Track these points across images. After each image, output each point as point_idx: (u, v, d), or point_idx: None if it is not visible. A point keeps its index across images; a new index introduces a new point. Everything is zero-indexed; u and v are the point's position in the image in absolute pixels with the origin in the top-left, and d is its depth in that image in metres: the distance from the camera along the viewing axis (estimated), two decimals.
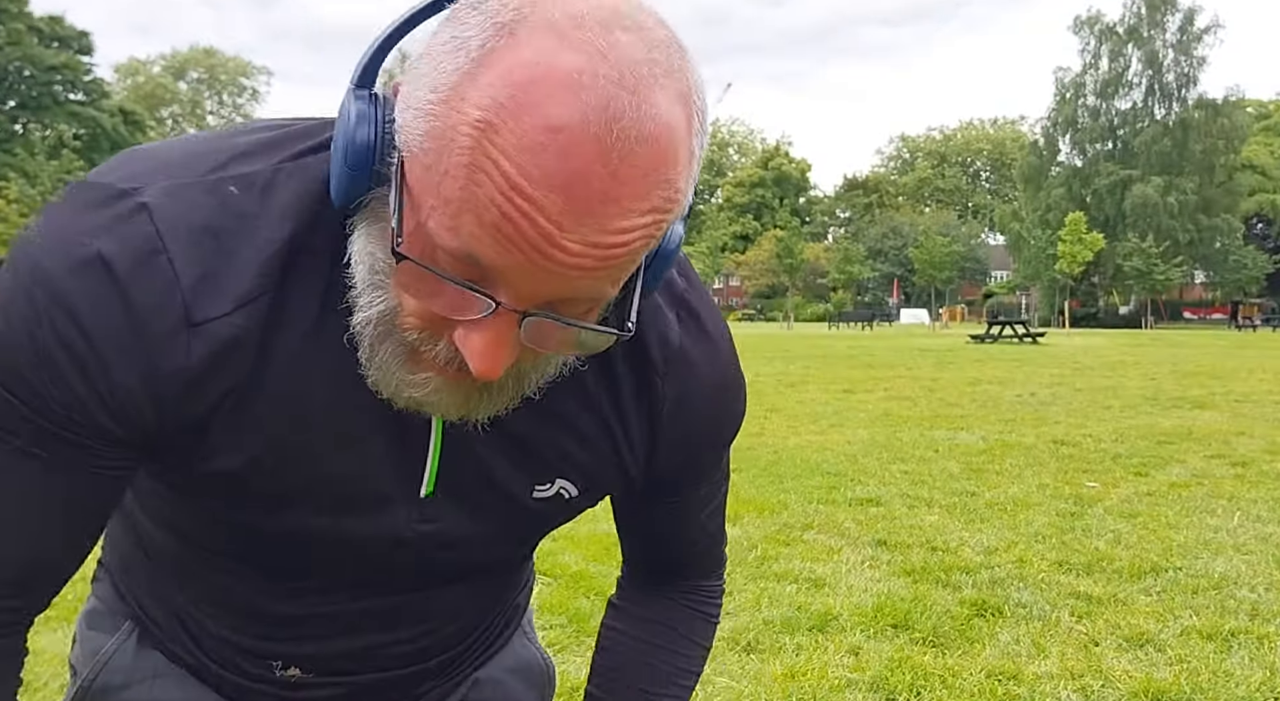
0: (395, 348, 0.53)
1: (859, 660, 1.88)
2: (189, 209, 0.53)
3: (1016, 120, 66.73)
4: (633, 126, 0.45)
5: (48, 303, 0.51)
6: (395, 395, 0.55)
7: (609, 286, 0.50)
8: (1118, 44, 46.38)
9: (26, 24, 36.75)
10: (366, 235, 0.52)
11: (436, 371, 0.53)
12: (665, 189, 0.47)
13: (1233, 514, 3.30)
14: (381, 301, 0.52)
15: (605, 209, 0.45)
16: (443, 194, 0.46)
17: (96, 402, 0.53)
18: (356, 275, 0.53)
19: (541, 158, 0.44)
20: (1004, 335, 19.26)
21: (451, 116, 0.45)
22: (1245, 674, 1.84)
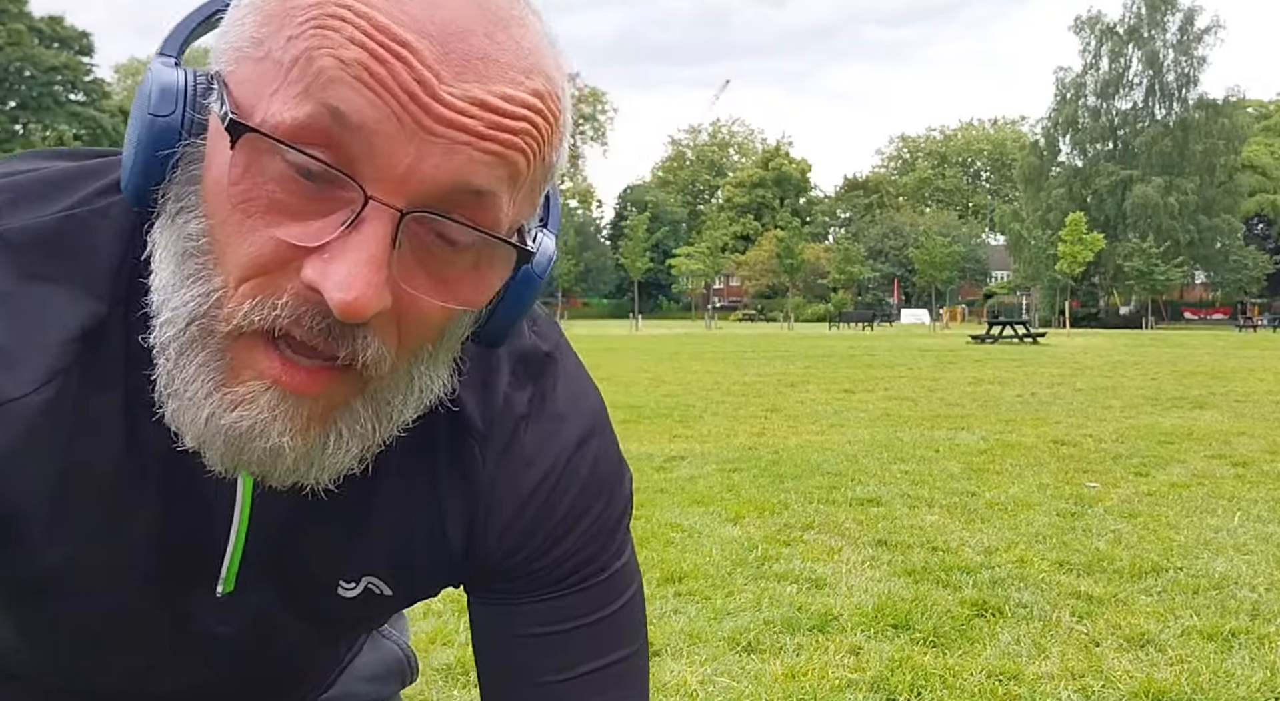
0: (208, 357, 0.41)
1: (859, 660, 1.88)
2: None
3: (1017, 120, 66.71)
4: (506, 7, 0.40)
5: None
6: (206, 433, 0.41)
7: (499, 180, 0.39)
8: (1118, 44, 46.36)
9: (27, 24, 36.75)
10: (170, 223, 0.42)
11: (268, 375, 0.41)
12: (546, 82, 0.40)
13: (1233, 514, 3.30)
14: (195, 291, 0.41)
15: (486, 67, 0.38)
16: (285, 60, 0.38)
17: None
18: (157, 283, 0.42)
19: (408, 5, 0.38)
20: (1004, 335, 19.25)
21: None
22: (1246, 674, 1.84)
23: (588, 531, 0.55)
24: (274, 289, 0.40)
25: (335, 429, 0.43)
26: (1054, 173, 47.51)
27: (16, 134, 36.29)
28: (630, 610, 0.59)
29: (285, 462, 0.43)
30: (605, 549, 0.56)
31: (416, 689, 1.71)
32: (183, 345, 0.41)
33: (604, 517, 0.56)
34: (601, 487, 0.55)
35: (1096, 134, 46.86)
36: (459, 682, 1.74)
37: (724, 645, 1.95)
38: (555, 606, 0.55)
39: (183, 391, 0.42)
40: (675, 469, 4.07)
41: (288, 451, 0.42)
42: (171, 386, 0.42)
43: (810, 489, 3.60)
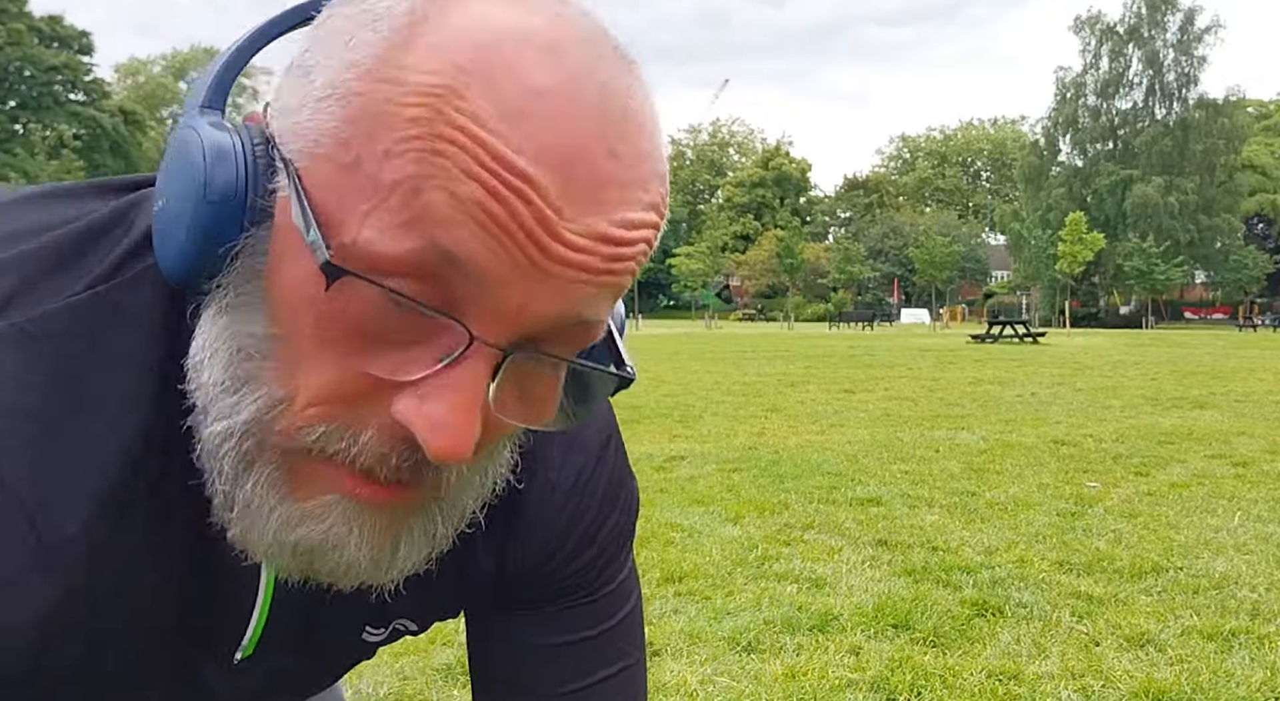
0: (270, 470, 0.37)
1: (859, 660, 1.88)
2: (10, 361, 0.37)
3: (1017, 120, 66.73)
4: (624, 99, 0.35)
5: None
6: (274, 548, 0.38)
7: (606, 307, 0.37)
8: (1118, 44, 46.38)
9: (27, 24, 36.77)
10: (224, 315, 0.37)
11: (339, 488, 0.37)
12: (660, 185, 0.38)
13: (1233, 514, 3.30)
14: (254, 399, 0.36)
15: (607, 193, 0.35)
16: (384, 181, 0.33)
17: None
18: (206, 379, 0.37)
19: (528, 126, 0.33)
20: (1004, 335, 19.26)
21: (384, 89, 0.33)
22: (1246, 674, 1.84)
23: (605, 541, 0.54)
24: (354, 420, 0.36)
25: (409, 534, 0.41)
26: (1054, 172, 47.53)
27: (16, 134, 36.29)
28: (633, 619, 0.57)
29: (357, 572, 0.40)
30: (616, 558, 0.55)
31: (416, 688, 1.71)
32: (239, 457, 0.38)
33: (620, 526, 0.55)
34: (618, 495, 0.54)
35: (1096, 133, 46.87)
36: (459, 682, 1.74)
37: (724, 645, 1.95)
38: (562, 618, 0.54)
39: (245, 507, 0.38)
40: (675, 468, 4.07)
41: (363, 563, 0.39)
42: (230, 501, 0.38)
43: (810, 489, 3.60)
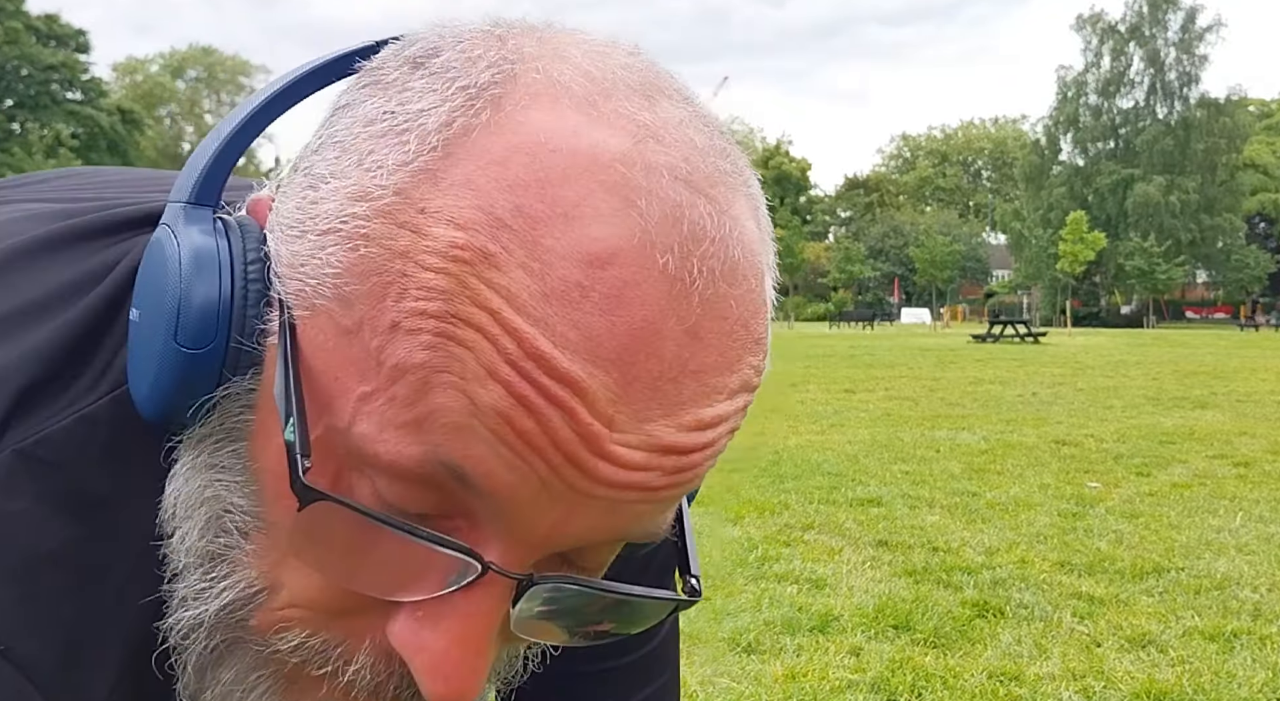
0: (251, 666, 0.31)
1: (860, 661, 1.88)
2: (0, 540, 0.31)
3: (1018, 119, 66.71)
4: (719, 252, 0.27)
5: None
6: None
7: (665, 521, 0.30)
8: (1119, 43, 46.36)
9: (24, 23, 36.77)
10: (201, 468, 0.30)
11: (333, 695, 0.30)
12: (757, 353, 0.29)
13: (1235, 514, 3.30)
14: (227, 584, 0.30)
15: (680, 391, 0.27)
16: (389, 362, 0.26)
17: None
18: (178, 541, 0.31)
19: (580, 310, 0.25)
20: (1005, 335, 19.25)
21: (400, 240, 0.26)
22: (1247, 674, 1.83)
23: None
24: (343, 634, 0.29)
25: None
26: (1055, 171, 47.50)
27: (13, 133, 36.30)
28: (672, 636, 0.51)
29: None
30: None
31: None
32: (217, 647, 0.31)
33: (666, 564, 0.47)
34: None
35: (1098, 133, 46.86)
36: None
37: (724, 646, 1.95)
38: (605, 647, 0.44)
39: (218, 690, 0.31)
40: None
41: None
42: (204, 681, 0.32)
43: (810, 489, 3.60)
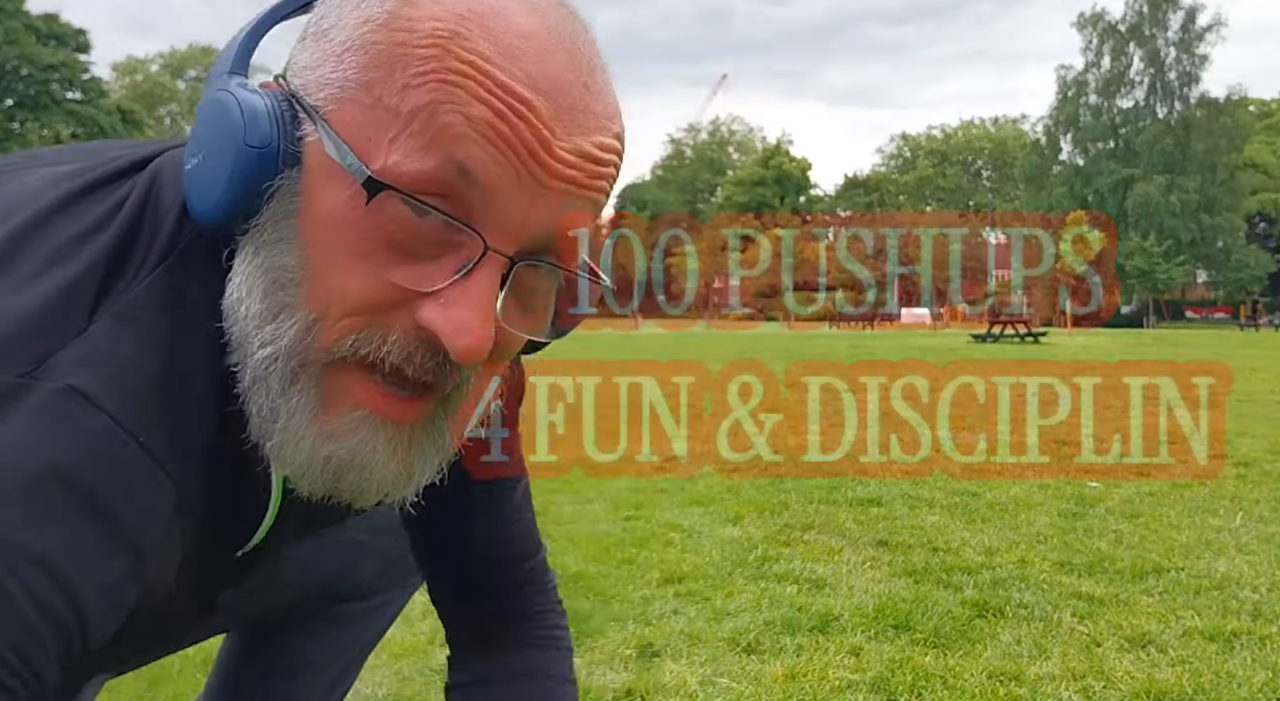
0: (310, 388, 0.42)
1: (860, 661, 1.88)
2: (119, 371, 0.41)
3: (1018, 119, 66.63)
4: (588, 48, 0.43)
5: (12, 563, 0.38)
6: (308, 462, 0.43)
7: (591, 222, 0.45)
8: (1120, 42, 46.32)
9: (24, 22, 36.72)
10: (259, 253, 0.42)
11: (368, 404, 0.42)
12: (620, 124, 0.44)
13: (1235, 514, 3.29)
14: (292, 323, 0.42)
15: (586, 119, 0.42)
16: (405, 110, 0.39)
17: (71, 646, 0.40)
18: (244, 312, 0.43)
19: (521, 61, 0.40)
20: (1005, 334, 19.24)
21: (398, 36, 0.40)
22: (1248, 675, 1.83)
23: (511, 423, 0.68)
24: (382, 326, 0.42)
25: (422, 449, 0.46)
26: (1055, 171, 47.46)
27: (14, 132, 36.28)
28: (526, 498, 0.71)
29: (381, 487, 0.45)
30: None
31: (415, 689, 1.71)
32: (284, 376, 0.42)
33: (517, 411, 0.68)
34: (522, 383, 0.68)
35: (1098, 132, 46.80)
36: None
37: (724, 646, 1.94)
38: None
39: (285, 424, 0.43)
40: (674, 468, 4.06)
41: (388, 479, 0.44)
42: (274, 419, 0.43)
43: (810, 489, 3.60)
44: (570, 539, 2.82)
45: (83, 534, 0.39)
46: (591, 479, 3.49)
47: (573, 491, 3.50)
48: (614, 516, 3.15)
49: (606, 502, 3.34)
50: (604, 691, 1.69)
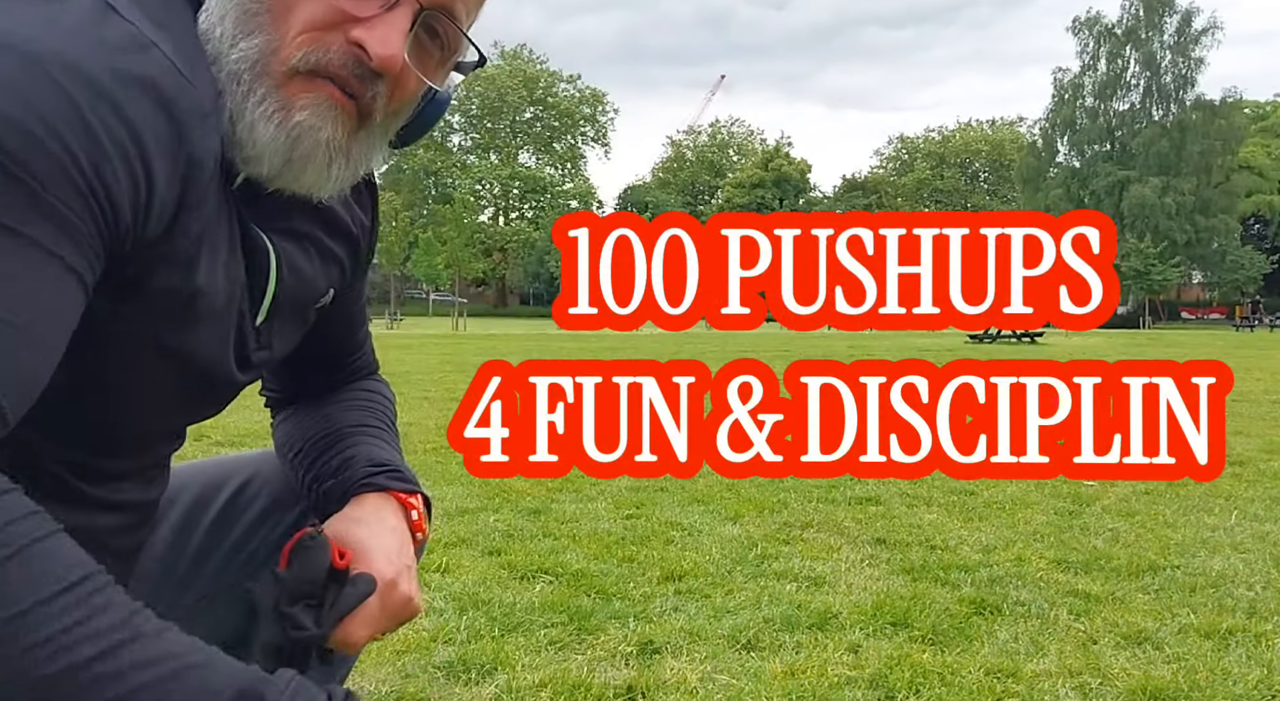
0: (275, 86, 0.59)
1: (858, 658, 1.89)
2: (140, 15, 0.55)
3: (1015, 121, 66.72)
4: None
5: (92, 98, 0.50)
6: (274, 135, 0.59)
7: (471, 7, 0.64)
8: (1116, 45, 46.41)
9: None
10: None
11: (320, 92, 0.60)
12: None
13: (1230, 512, 3.32)
14: (262, 37, 0.58)
15: None
16: None
17: (138, 187, 0.53)
18: (219, 32, 0.58)
19: None
20: (1002, 335, 19.29)
21: None
22: (1242, 671, 1.85)
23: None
24: (326, 42, 0.59)
25: (359, 142, 0.63)
26: (1052, 173, 47.50)
27: None
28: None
29: (322, 165, 0.61)
30: None
31: (418, 686, 1.72)
32: (255, 74, 0.58)
33: None
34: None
35: (1094, 135, 46.86)
36: (460, 680, 1.75)
37: (724, 643, 1.96)
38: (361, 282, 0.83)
39: (255, 108, 0.58)
40: (675, 467, 4.07)
41: (332, 149, 0.61)
42: (246, 104, 0.58)
43: (809, 487, 3.61)
44: (571, 537, 2.83)
45: (142, 90, 0.53)
46: (592, 478, 3.50)
47: (574, 490, 3.51)
48: (615, 515, 3.17)
49: (607, 501, 3.35)
50: (605, 688, 1.71)
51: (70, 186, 0.49)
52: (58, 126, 0.48)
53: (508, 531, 2.89)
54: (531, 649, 1.89)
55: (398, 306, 44.80)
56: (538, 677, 1.74)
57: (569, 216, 1.88)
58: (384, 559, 0.69)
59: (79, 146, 0.49)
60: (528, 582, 2.36)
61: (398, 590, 0.69)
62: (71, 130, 0.49)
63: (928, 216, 1.94)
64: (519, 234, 59.76)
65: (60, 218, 0.49)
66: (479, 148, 63.88)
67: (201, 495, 0.85)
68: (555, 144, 65.67)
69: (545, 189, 63.18)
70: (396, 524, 0.73)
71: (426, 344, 16.93)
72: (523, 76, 62.76)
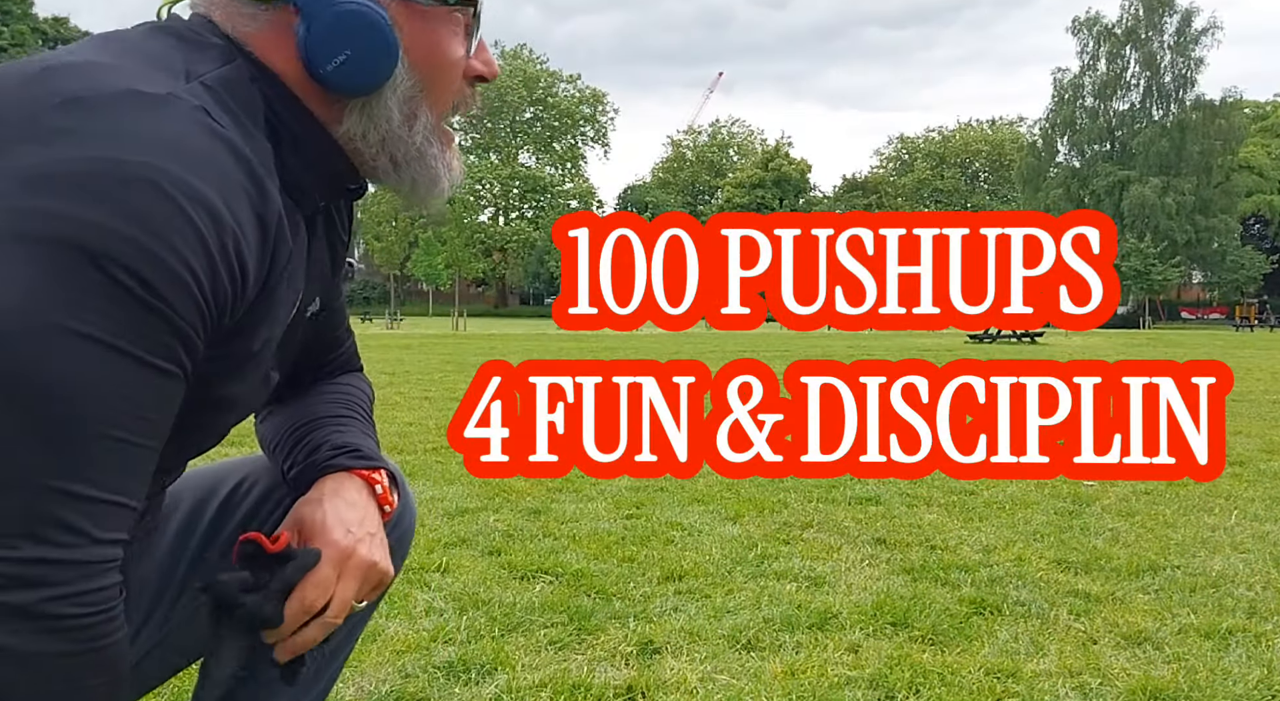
0: (438, 138, 0.75)
1: (858, 658, 1.89)
2: (213, 102, 0.62)
3: (1015, 121, 66.68)
4: None
5: (211, 223, 0.57)
6: (438, 178, 0.75)
7: None
8: (1116, 45, 46.38)
9: (30, 25, 36.60)
10: (392, 92, 0.71)
11: (452, 139, 0.77)
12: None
13: (1230, 512, 3.32)
14: (425, 115, 0.73)
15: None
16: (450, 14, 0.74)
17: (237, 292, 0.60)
18: (385, 130, 0.72)
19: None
20: (1002, 335, 19.28)
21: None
22: (1243, 671, 1.85)
23: None
24: (463, 92, 0.77)
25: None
26: (1052, 173, 47.47)
27: None
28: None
29: (460, 177, 0.78)
30: None
31: (418, 686, 1.72)
32: (429, 132, 0.74)
33: None
34: None
35: (1094, 135, 46.83)
36: (460, 680, 1.75)
37: (724, 643, 1.96)
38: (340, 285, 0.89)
39: (434, 157, 0.75)
40: (674, 467, 4.07)
41: (460, 172, 0.78)
42: (426, 155, 0.74)
43: (809, 487, 3.61)
44: (572, 537, 2.83)
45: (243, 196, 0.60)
46: (592, 478, 3.50)
47: (574, 490, 3.51)
48: (615, 515, 3.17)
49: (607, 501, 3.35)
50: (605, 688, 1.71)
51: (193, 307, 0.57)
52: (187, 256, 0.55)
53: (508, 531, 2.89)
54: (531, 649, 1.89)
55: (398, 306, 44.78)
56: (538, 677, 1.74)
57: (569, 216, 1.88)
58: (341, 530, 0.75)
59: (201, 270, 0.56)
60: (528, 582, 2.36)
61: (357, 555, 0.75)
62: (196, 256, 0.56)
63: (928, 216, 1.94)
64: (519, 234, 59.75)
65: (185, 336, 0.57)
66: (479, 147, 63.85)
67: (199, 500, 0.90)
68: (555, 144, 65.65)
69: (545, 189, 63.17)
70: (355, 497, 0.79)
71: (426, 344, 16.92)
72: (523, 76, 62.73)
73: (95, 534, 0.55)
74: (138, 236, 0.53)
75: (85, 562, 0.55)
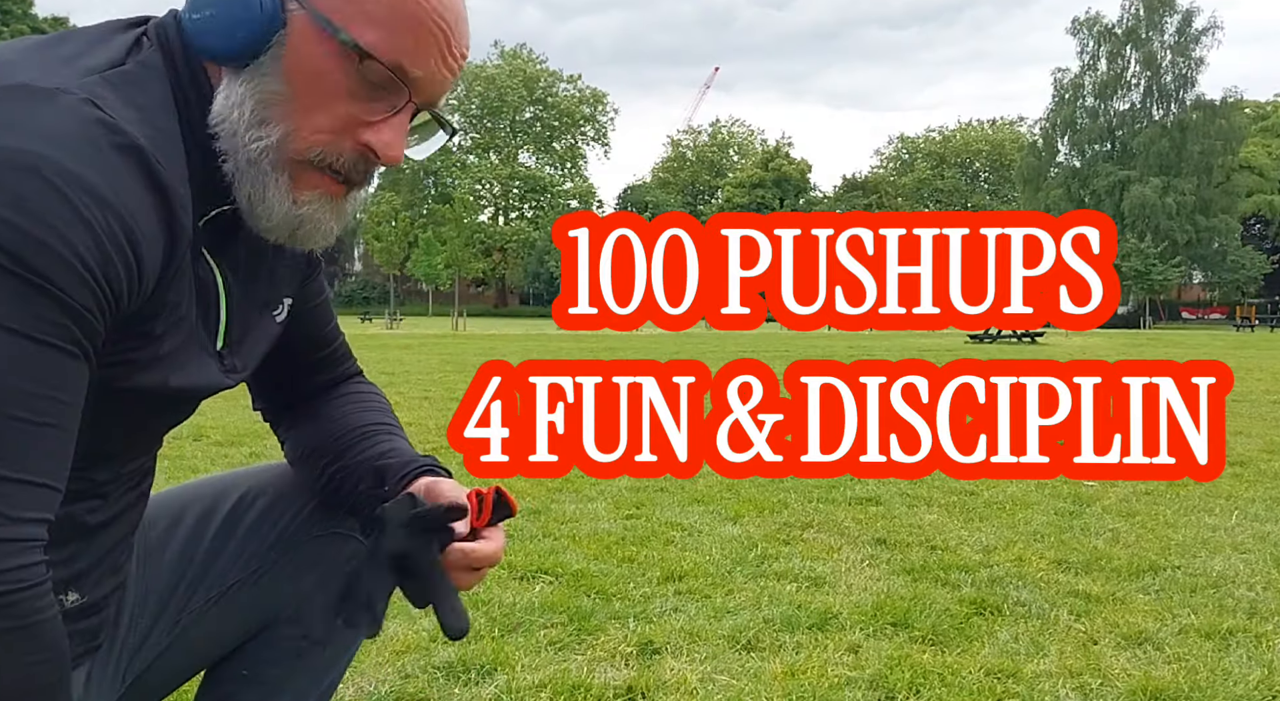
0: (285, 174, 0.67)
1: (859, 658, 1.89)
2: (112, 96, 0.61)
3: (1015, 121, 66.70)
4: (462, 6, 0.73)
5: (95, 205, 0.57)
6: (282, 220, 0.68)
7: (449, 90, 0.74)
8: (1116, 45, 46.37)
9: (31, 25, 36.66)
10: (249, 81, 0.66)
11: (321, 188, 0.69)
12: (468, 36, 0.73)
13: (1230, 513, 3.31)
14: (276, 129, 0.66)
15: (464, 37, 0.71)
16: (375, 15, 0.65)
17: (132, 276, 0.60)
18: (236, 116, 0.65)
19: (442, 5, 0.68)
20: (1003, 335, 19.28)
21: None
22: (1243, 672, 1.85)
23: None
24: (340, 146, 0.68)
25: (343, 213, 0.72)
26: (1052, 173, 47.47)
27: None
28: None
29: (321, 237, 0.71)
30: None
31: (418, 686, 1.72)
32: (273, 162, 0.66)
33: None
34: None
35: (1094, 135, 46.82)
36: (460, 680, 1.75)
37: (724, 643, 1.96)
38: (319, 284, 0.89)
39: (271, 192, 0.67)
40: (674, 467, 4.07)
41: (328, 231, 0.71)
42: (265, 185, 0.67)
43: (809, 487, 3.61)
44: (571, 537, 2.83)
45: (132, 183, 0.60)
46: (592, 478, 3.50)
47: (574, 490, 3.51)
48: (615, 515, 3.16)
49: (607, 501, 3.35)
50: (605, 688, 1.71)
51: (84, 288, 0.57)
52: (70, 238, 0.56)
53: (508, 531, 2.88)
54: (531, 649, 1.89)
55: (397, 306, 44.79)
56: (538, 678, 1.74)
57: (569, 216, 1.88)
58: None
59: (88, 252, 0.57)
60: (528, 582, 2.36)
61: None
62: (81, 238, 0.56)
63: (928, 216, 1.93)
64: (519, 234, 59.75)
65: (79, 317, 0.58)
66: (479, 147, 63.85)
67: (207, 508, 0.94)
68: (555, 144, 65.65)
69: (545, 189, 63.17)
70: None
71: (426, 344, 16.92)
72: (523, 76, 62.74)
73: (7, 512, 0.57)
74: (14, 219, 0.54)
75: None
